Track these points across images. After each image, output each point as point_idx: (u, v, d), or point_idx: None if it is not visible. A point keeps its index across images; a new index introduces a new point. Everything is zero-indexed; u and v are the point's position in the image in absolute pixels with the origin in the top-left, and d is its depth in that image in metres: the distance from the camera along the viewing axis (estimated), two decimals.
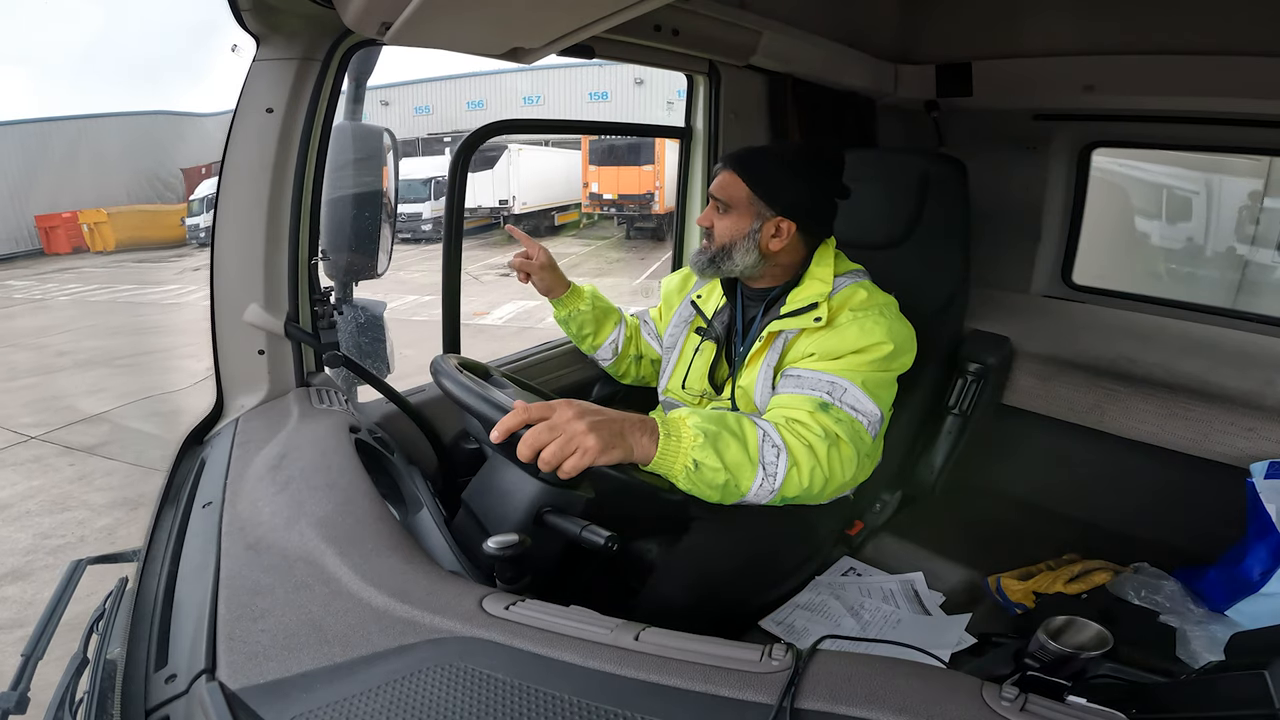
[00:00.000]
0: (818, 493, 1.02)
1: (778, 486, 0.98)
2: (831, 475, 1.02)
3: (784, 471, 0.98)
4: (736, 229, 1.21)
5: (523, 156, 15.63)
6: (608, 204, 15.06)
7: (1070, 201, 1.99)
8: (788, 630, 1.20)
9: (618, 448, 0.85)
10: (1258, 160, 2.08)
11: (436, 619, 0.65)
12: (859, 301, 1.18)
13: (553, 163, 16.34)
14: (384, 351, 1.41)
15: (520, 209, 15.57)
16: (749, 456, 0.96)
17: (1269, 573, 1.24)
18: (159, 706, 0.64)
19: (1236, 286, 2.17)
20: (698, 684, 0.56)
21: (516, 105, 20.18)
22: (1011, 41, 1.77)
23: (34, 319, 8.79)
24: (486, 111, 20.02)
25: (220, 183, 1.13)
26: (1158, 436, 1.66)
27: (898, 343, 1.14)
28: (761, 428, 1.00)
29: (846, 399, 1.08)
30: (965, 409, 1.71)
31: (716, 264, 1.24)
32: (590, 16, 0.92)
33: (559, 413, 0.84)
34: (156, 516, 0.97)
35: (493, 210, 15.62)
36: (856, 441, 1.06)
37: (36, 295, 10.81)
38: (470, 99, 20.66)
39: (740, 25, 1.55)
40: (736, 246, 1.22)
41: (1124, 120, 1.82)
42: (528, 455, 0.82)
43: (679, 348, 1.38)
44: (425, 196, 14.58)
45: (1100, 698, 0.58)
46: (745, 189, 1.20)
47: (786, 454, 0.98)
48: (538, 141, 16.28)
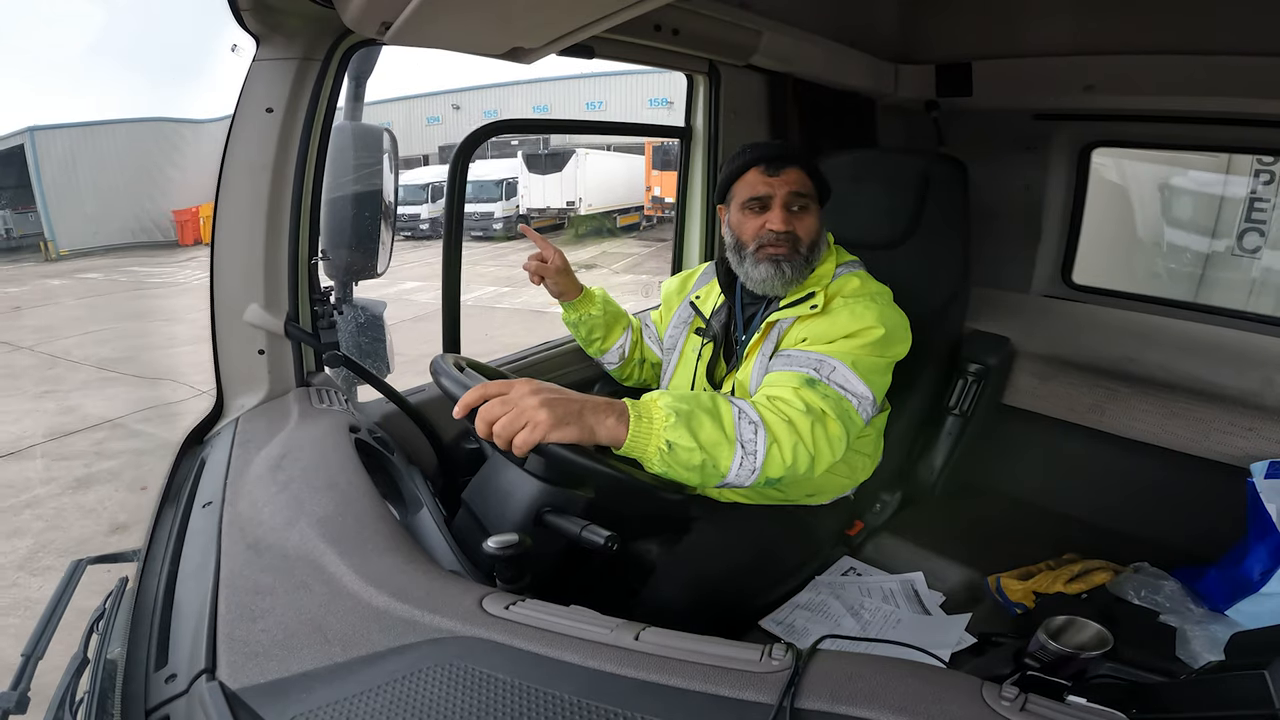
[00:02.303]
0: (805, 471, 0.97)
1: (759, 465, 0.93)
2: (818, 453, 0.98)
3: (764, 448, 0.93)
4: (816, 226, 1.21)
5: (589, 160, 16.38)
6: (669, 207, 15.60)
7: (1070, 201, 1.98)
8: (788, 630, 1.20)
9: (572, 425, 0.83)
10: (1216, 157, 2.09)
11: (436, 619, 0.65)
12: (852, 289, 1.18)
13: (616, 167, 16.94)
14: (384, 351, 1.41)
15: (586, 210, 16.42)
16: (725, 434, 0.91)
17: (1269, 573, 1.24)
18: (159, 706, 0.64)
19: (1198, 280, 2.20)
20: (698, 684, 0.56)
21: (580, 109, 21.15)
22: (1011, 41, 1.77)
23: (184, 299, 9.46)
24: (549, 115, 21.28)
25: (220, 183, 1.13)
26: (1158, 436, 1.66)
27: (889, 328, 1.12)
28: (736, 405, 0.95)
29: (835, 377, 1.05)
30: (965, 409, 1.71)
31: (811, 264, 1.21)
32: (590, 16, 0.92)
33: (515, 389, 0.83)
34: (156, 516, 0.97)
35: (560, 211, 16.67)
36: (845, 420, 1.02)
37: (180, 280, 11.63)
38: (536, 103, 21.77)
39: (740, 25, 1.55)
40: (819, 244, 1.21)
41: (1124, 120, 1.82)
42: (484, 430, 0.82)
43: (679, 349, 1.38)
44: (498, 197, 16.46)
45: (1100, 698, 0.58)
46: (811, 183, 1.20)
47: (765, 430, 0.94)
48: (600, 145, 17.08)
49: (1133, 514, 1.61)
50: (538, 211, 16.88)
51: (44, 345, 7.64)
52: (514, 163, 17.05)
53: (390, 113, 23.73)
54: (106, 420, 5.13)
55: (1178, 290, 2.20)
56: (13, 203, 15.68)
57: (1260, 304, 2.08)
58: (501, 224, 16.03)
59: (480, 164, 17.12)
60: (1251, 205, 2.12)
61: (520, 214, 17.05)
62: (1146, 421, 1.68)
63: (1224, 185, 2.15)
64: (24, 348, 7.74)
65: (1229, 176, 2.14)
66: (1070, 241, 2.01)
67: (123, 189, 14.38)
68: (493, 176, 16.53)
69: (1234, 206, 2.15)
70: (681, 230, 1.90)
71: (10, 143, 15.61)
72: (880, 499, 1.63)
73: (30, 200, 15.33)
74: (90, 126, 16.18)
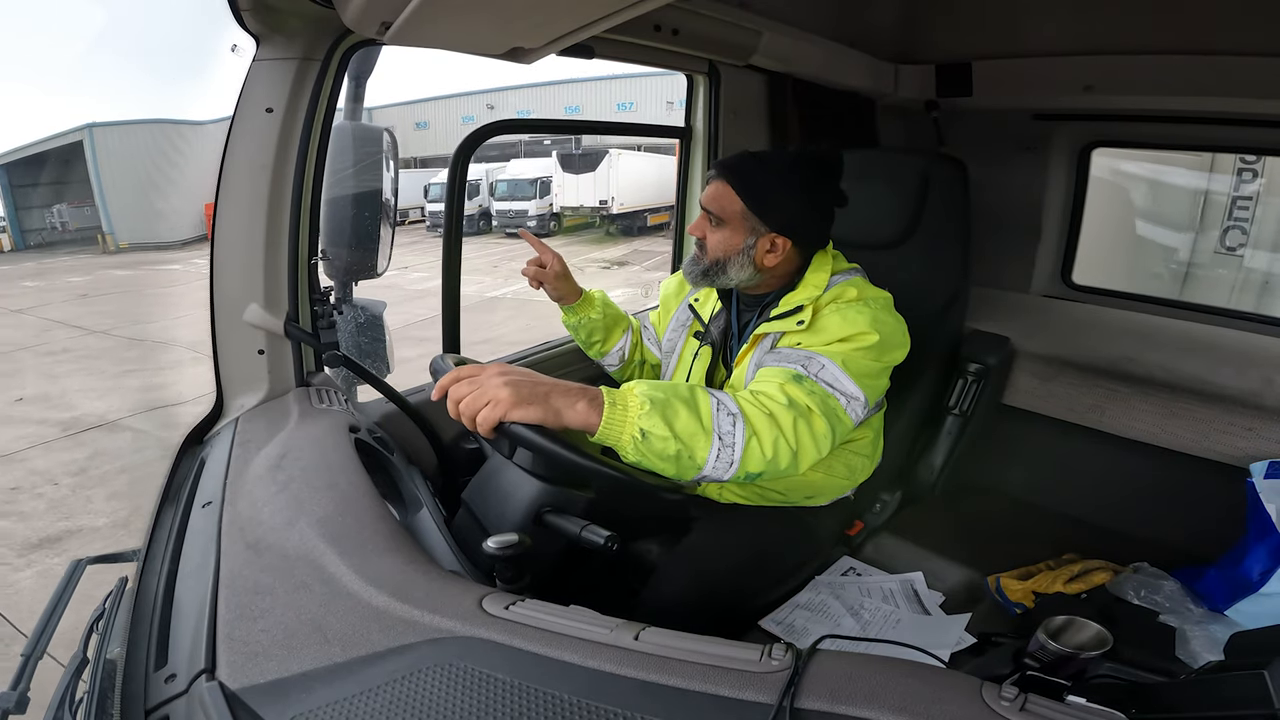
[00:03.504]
0: (786, 467, 0.96)
1: (737, 458, 0.91)
2: (801, 448, 0.96)
3: (742, 441, 0.91)
4: (730, 244, 1.18)
5: (621, 160, 16.73)
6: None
7: (1070, 201, 1.99)
8: (788, 630, 1.20)
9: (535, 405, 0.83)
10: (1199, 155, 2.10)
11: (436, 619, 0.65)
12: (849, 298, 1.16)
13: (647, 167, 17.19)
14: (384, 351, 1.41)
15: (618, 209, 16.83)
16: (701, 425, 0.89)
17: (1269, 573, 1.24)
18: (159, 706, 0.64)
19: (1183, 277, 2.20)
20: (698, 684, 0.56)
21: (611, 111, 21.45)
22: (1011, 41, 1.77)
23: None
24: (583, 115, 21.54)
25: (220, 183, 1.13)
26: (1158, 436, 1.66)
27: (884, 334, 1.10)
28: (715, 396, 0.94)
29: (823, 375, 1.04)
30: (965, 409, 1.71)
31: (710, 277, 1.21)
32: (590, 16, 0.92)
33: (485, 371, 0.86)
34: (156, 516, 0.96)
35: (593, 210, 17.15)
36: (831, 418, 1.00)
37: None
38: (568, 104, 22.24)
39: (740, 25, 1.55)
40: (730, 262, 1.18)
41: (1124, 120, 1.82)
42: (452, 410, 0.85)
43: (677, 352, 1.37)
44: (532, 195, 17.27)
45: (1100, 698, 0.59)
46: (739, 203, 1.16)
47: (744, 422, 0.92)
48: (632, 146, 17.43)
49: (1133, 514, 1.61)
50: (571, 210, 17.46)
51: (120, 329, 8.15)
52: (548, 162, 17.54)
53: (427, 112, 24.23)
54: (201, 396, 5.38)
55: (1164, 287, 2.20)
56: (68, 197, 16.18)
57: (1243, 298, 2.09)
58: (536, 221, 16.71)
59: (516, 163, 18.15)
60: (1234, 204, 2.14)
61: (554, 212, 17.54)
62: (1146, 421, 1.68)
63: (1208, 182, 2.16)
64: (98, 331, 8.16)
65: (1212, 175, 2.15)
66: (1070, 241, 2.01)
67: (182, 185, 14.65)
68: (528, 175, 17.36)
69: (1218, 203, 2.16)
70: (681, 230, 1.90)
71: (69, 139, 16.07)
72: (880, 499, 1.63)
73: (85, 195, 15.77)
74: (148, 124, 16.80)
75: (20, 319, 9.08)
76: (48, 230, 17.05)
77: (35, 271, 13.39)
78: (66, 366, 6.91)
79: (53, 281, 12.07)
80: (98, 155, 15.70)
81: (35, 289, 11.41)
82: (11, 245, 16.61)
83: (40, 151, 17.20)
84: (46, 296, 10.54)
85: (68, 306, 9.72)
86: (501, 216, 17.52)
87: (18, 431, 5.23)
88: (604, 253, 14.85)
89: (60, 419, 5.46)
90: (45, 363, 7.09)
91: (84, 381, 6.39)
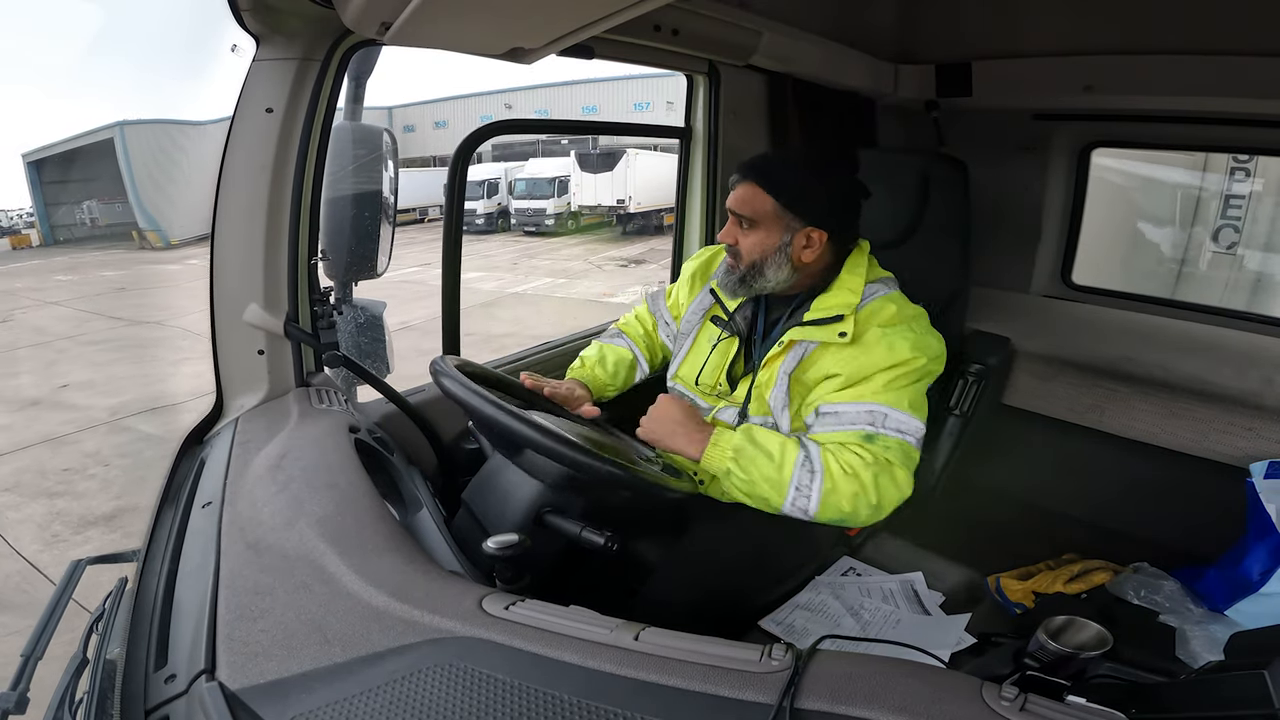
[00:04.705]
0: (866, 517, 1.05)
1: (812, 509, 1.03)
2: (882, 500, 1.04)
3: (819, 495, 1.02)
4: (766, 245, 1.16)
5: (639, 160, 16.84)
6: None
7: (1070, 201, 1.98)
8: (788, 630, 1.20)
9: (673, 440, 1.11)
10: (1193, 155, 2.10)
11: (436, 619, 0.65)
12: (888, 317, 1.14)
13: (663, 167, 17.11)
14: (384, 351, 1.41)
15: (634, 208, 17.04)
16: (781, 475, 1.04)
17: (1269, 573, 1.24)
18: (159, 706, 0.64)
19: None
20: (697, 684, 0.56)
21: (628, 110, 21.63)
22: (1011, 41, 1.77)
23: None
24: (600, 114, 21.81)
25: (220, 183, 1.13)
26: (1158, 436, 1.66)
27: (930, 356, 1.12)
28: (806, 449, 1.06)
29: (889, 424, 1.07)
30: (965, 409, 1.71)
31: (748, 283, 1.19)
32: (590, 16, 0.92)
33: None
34: (156, 516, 0.96)
35: (610, 208, 17.39)
36: (908, 463, 1.08)
37: None
38: (584, 104, 22.47)
39: (740, 25, 1.55)
40: (768, 263, 1.16)
41: (1124, 120, 1.82)
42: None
43: (693, 335, 1.33)
44: (550, 194, 17.60)
45: (1100, 698, 0.58)
46: (771, 201, 1.15)
47: (824, 478, 1.03)
48: (649, 146, 17.55)
49: (1133, 514, 1.61)
50: (588, 208, 17.65)
51: (174, 320, 8.50)
52: (566, 161, 17.74)
53: (445, 111, 24.47)
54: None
55: (1156, 284, 2.21)
56: (98, 194, 16.40)
57: (1236, 295, 2.09)
58: (553, 219, 17.38)
59: (535, 162, 18.46)
60: (1227, 202, 2.14)
61: (571, 210, 17.74)
62: (1146, 421, 1.68)
63: (1202, 180, 2.16)
64: (151, 322, 8.67)
65: (1206, 174, 2.15)
66: (1070, 241, 2.01)
67: (199, 185, 14.83)
68: (546, 174, 17.66)
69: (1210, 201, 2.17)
70: (681, 230, 1.89)
71: (100, 136, 16.24)
72: None
73: (116, 192, 15.95)
74: (177, 124, 17.16)
75: (56, 310, 9.51)
76: (76, 226, 17.28)
77: (68, 265, 13.71)
78: (107, 355, 7.28)
79: (86, 275, 12.45)
80: (129, 152, 15.87)
81: (69, 282, 11.83)
82: (40, 240, 16.89)
83: (71, 149, 17.37)
84: (80, 290, 10.98)
85: (101, 300, 10.18)
86: (520, 215, 17.76)
87: (65, 416, 5.47)
88: (621, 251, 14.99)
89: (108, 404, 5.73)
90: (87, 351, 7.51)
91: (127, 370, 6.75)
